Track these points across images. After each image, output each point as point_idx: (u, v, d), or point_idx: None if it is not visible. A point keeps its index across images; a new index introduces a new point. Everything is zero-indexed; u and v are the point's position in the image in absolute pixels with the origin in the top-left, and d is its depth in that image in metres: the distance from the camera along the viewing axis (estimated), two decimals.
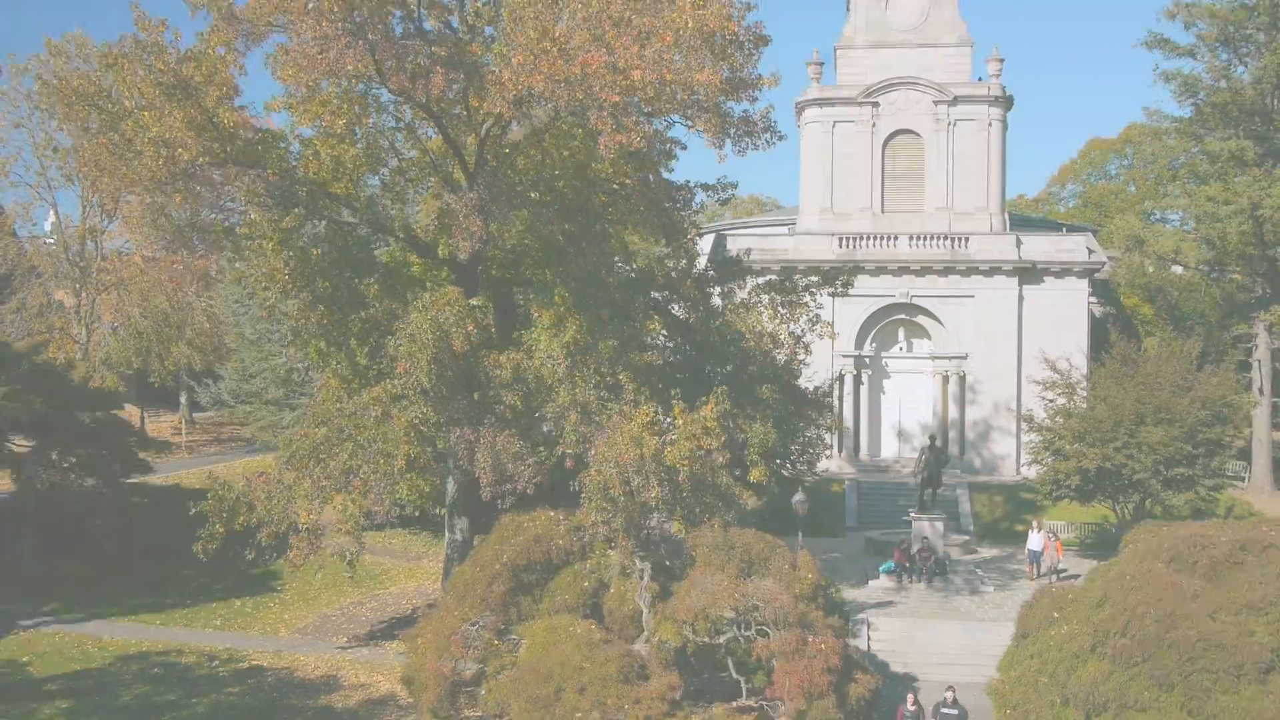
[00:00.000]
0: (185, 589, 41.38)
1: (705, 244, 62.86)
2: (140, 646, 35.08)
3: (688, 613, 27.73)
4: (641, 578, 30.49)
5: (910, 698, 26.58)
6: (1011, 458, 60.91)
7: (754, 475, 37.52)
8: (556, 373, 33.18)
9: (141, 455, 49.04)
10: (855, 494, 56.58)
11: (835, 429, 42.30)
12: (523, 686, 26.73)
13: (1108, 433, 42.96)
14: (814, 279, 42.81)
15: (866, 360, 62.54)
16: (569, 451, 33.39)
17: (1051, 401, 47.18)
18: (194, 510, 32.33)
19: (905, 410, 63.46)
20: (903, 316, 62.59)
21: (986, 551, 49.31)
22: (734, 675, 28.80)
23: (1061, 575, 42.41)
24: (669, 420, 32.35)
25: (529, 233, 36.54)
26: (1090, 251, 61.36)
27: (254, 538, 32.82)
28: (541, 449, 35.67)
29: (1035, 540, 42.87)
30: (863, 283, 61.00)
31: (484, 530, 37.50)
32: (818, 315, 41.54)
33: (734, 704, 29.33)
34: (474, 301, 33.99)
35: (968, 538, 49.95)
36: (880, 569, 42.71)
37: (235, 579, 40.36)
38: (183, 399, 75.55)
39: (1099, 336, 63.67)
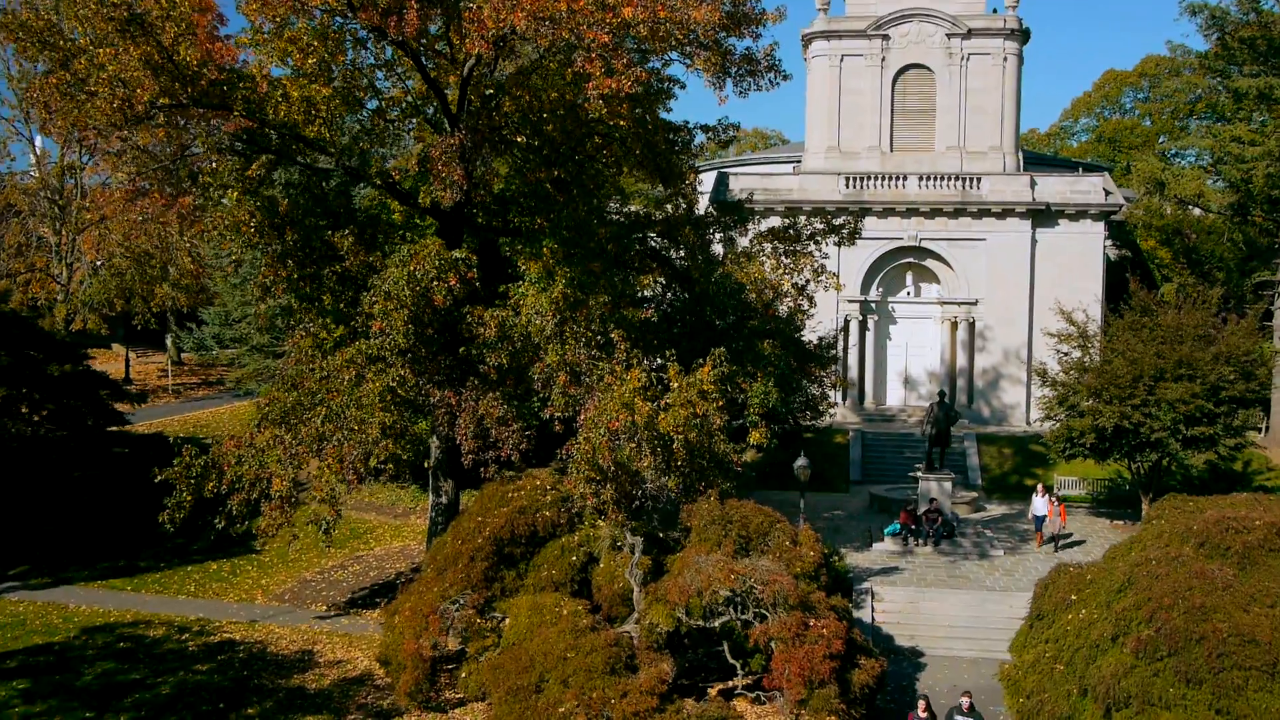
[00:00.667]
0: (161, 549, 39.70)
1: (707, 181, 60.56)
2: (108, 617, 33.39)
3: (680, 595, 25.92)
4: (632, 553, 28.71)
5: (922, 704, 24.80)
6: (1021, 407, 58.97)
7: (754, 437, 35.58)
8: (544, 330, 31.16)
9: (119, 406, 47.22)
10: (859, 446, 54.70)
11: (840, 386, 40.22)
12: (503, 676, 25.01)
13: (1126, 389, 40.92)
14: (819, 226, 40.50)
15: (873, 305, 60.36)
16: (557, 415, 31.51)
17: (1066, 355, 45.09)
18: (159, 477, 30.31)
19: (912, 357, 61.39)
20: (911, 260, 60.26)
21: (995, 508, 47.55)
22: (729, 659, 27.11)
23: (1064, 542, 40.42)
24: (665, 381, 30.32)
25: (516, 178, 34.30)
26: (1107, 193, 58.85)
27: (224, 505, 30.98)
28: (532, 401, 33.70)
29: (1040, 504, 40.83)
30: (870, 225, 58.71)
31: (473, 487, 35.84)
32: (822, 265, 39.34)
33: (730, 683, 27.74)
34: (456, 254, 31.75)
35: (976, 494, 48.16)
36: (885, 531, 40.93)
37: (214, 537, 38.52)
38: (169, 341, 73.62)
39: (1114, 281, 61.49)
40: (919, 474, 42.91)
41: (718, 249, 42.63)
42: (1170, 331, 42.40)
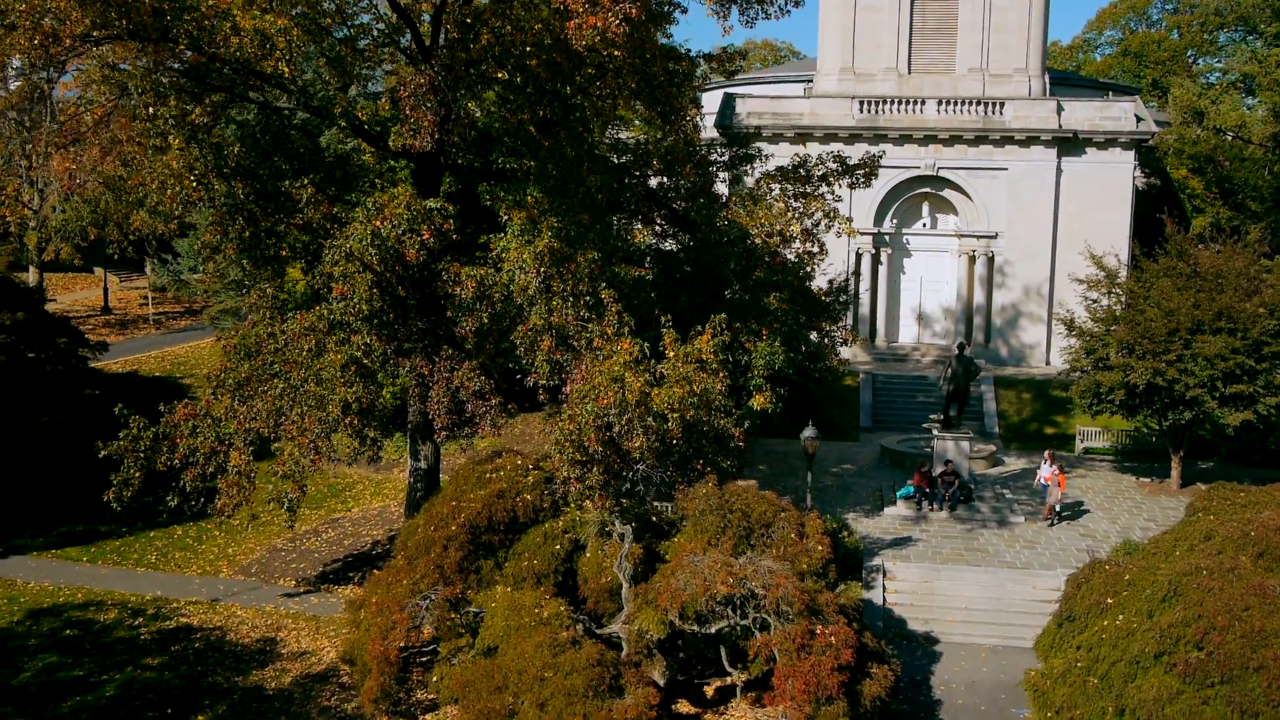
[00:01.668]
0: (124, 510, 37.05)
1: (711, 103, 56.80)
2: (57, 596, 30.95)
3: (672, 600, 23.30)
4: (622, 541, 26.03)
5: None
6: (1041, 347, 55.90)
7: (758, 401, 32.72)
8: (528, 289, 28.19)
9: (82, 352, 44.49)
10: (870, 390, 51.83)
11: (850, 340, 37.14)
12: (473, 695, 22.47)
13: (1161, 343, 37.86)
14: (832, 166, 37.12)
15: (886, 238, 57.02)
16: (541, 384, 28.66)
17: (1095, 302, 41.95)
18: (103, 453, 27.57)
19: (927, 293, 58.19)
20: (928, 190, 56.73)
21: (1014, 462, 44.79)
22: (727, 667, 24.58)
23: (1062, 516, 37.05)
24: (661, 349, 27.36)
25: (498, 117, 30.99)
26: (1138, 119, 55.09)
27: (177, 480, 28.29)
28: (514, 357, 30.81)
29: (1047, 471, 37.51)
30: (886, 150, 55.25)
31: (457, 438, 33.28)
32: (834, 209, 36.05)
33: (728, 680, 25.26)
34: (431, 203, 28.50)
35: (993, 447, 45.34)
36: (898, 494, 38.21)
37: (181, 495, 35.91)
38: (148, 268, 70.55)
39: (1142, 212, 57.97)
40: (934, 429, 39.98)
41: (721, 189, 39.39)
42: (1209, 279, 39.22)
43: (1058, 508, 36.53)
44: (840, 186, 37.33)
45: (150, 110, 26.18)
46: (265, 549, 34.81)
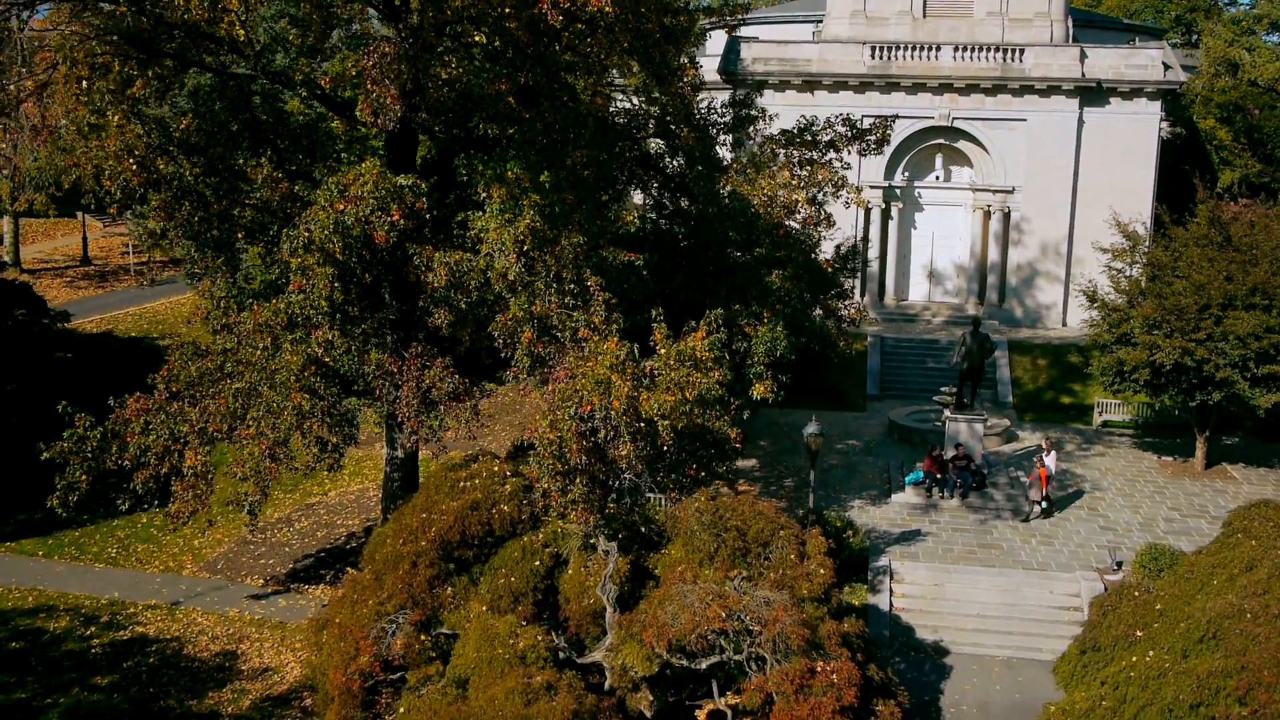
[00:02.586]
0: (89, 494, 35.01)
1: (714, 44, 53.73)
2: (7, 600, 28.97)
3: (659, 635, 21.19)
4: (606, 558, 23.90)
5: None
6: (1058, 308, 53.38)
7: (758, 390, 30.65)
8: (508, 275, 25.80)
9: (45, 321, 42.20)
10: (878, 354, 49.45)
11: (859, 319, 34.64)
12: None
13: (1190, 321, 35.42)
14: (841, 130, 34.42)
15: (897, 191, 54.26)
16: (522, 378, 26.41)
17: (1119, 272, 39.43)
18: (45, 455, 25.38)
19: (939, 249, 55.56)
20: (942, 141, 53.86)
21: (1028, 437, 42.52)
22: (719, 702, 22.51)
23: (1043, 512, 34.21)
24: (651, 342, 25.01)
25: (477, 82, 28.27)
26: (1165, 67, 51.99)
27: (129, 482, 26.17)
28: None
29: (1048, 461, 34.80)
30: (897, 101, 52.60)
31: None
32: (843, 177, 33.45)
33: (720, 703, 23.18)
34: (402, 180, 25.93)
35: (1007, 421, 43.03)
36: (906, 480, 36.03)
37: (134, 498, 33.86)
38: (128, 215, 67.84)
39: (1167, 162, 55.03)
40: (945, 409, 37.67)
41: (722, 151, 36.73)
42: (1242, 250, 36.65)
43: (1042, 504, 34.19)
44: (850, 153, 34.66)
45: (84, 84, 23.54)
46: (234, 540, 32.78)
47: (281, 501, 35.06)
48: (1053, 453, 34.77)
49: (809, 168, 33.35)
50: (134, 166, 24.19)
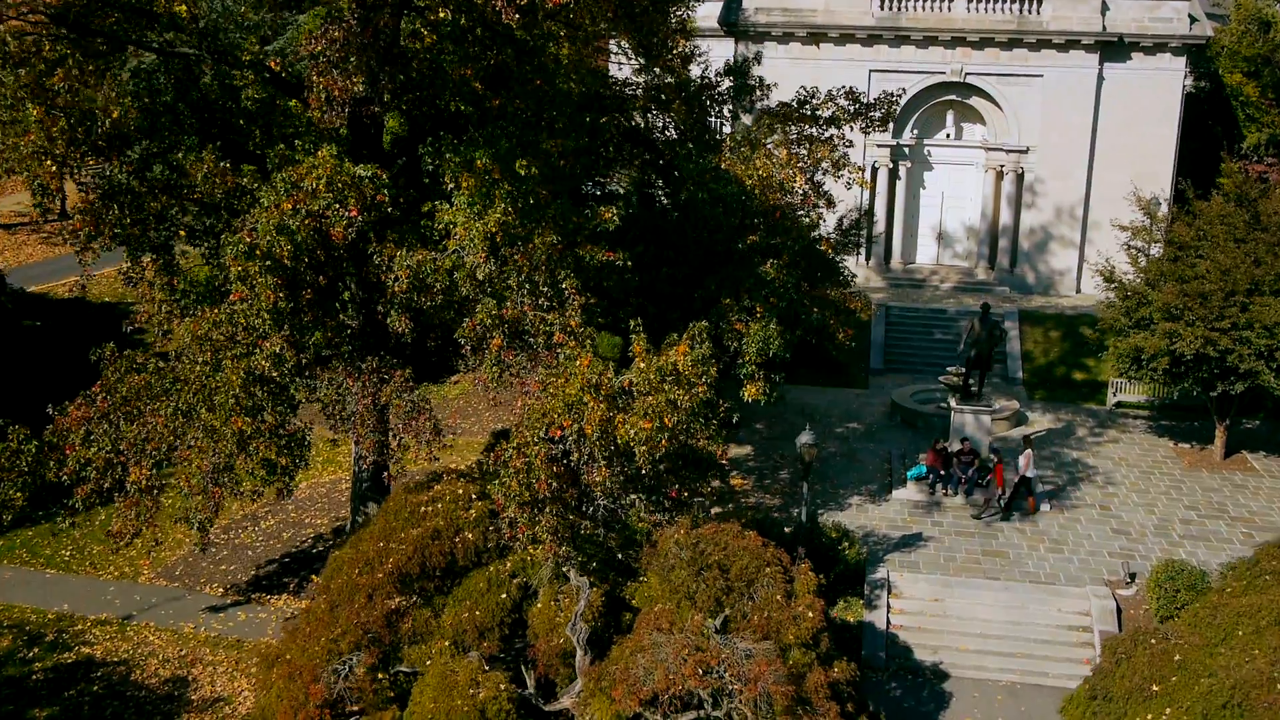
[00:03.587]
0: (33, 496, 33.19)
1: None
2: None
3: (630, 691, 19.38)
4: (578, 596, 22.05)
5: None
6: (1072, 274, 51.03)
7: (749, 391, 28.69)
8: (476, 274, 23.71)
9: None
10: (883, 324, 47.24)
11: (861, 310, 32.34)
12: None
13: (1215, 309, 33.18)
14: (843, 104, 32.02)
15: (905, 150, 51.66)
16: (491, 387, 24.43)
17: (1140, 250, 37.10)
18: None
19: (948, 209, 53.09)
20: (954, 98, 51.14)
21: (1039, 419, 40.47)
22: None
23: (990, 515, 32.16)
24: (630, 352, 22.96)
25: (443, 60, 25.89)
26: (1191, 20, 49.11)
27: (69, 498, 24.32)
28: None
29: (1021, 462, 32.45)
30: (907, 55, 49.94)
31: (419, 369, 29.42)
32: (845, 155, 31.11)
33: None
34: (361, 171, 23.67)
35: (1016, 404, 40.85)
36: (908, 474, 34.08)
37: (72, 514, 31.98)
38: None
39: (1190, 116, 52.10)
40: (950, 389, 35.50)
41: (720, 124, 34.38)
42: (1272, 231, 34.29)
43: (999, 501, 32.32)
44: (853, 130, 32.25)
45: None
46: (195, 541, 30.89)
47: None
48: (1028, 452, 32.62)
49: (808, 145, 30.99)
50: (53, 168, 21.97)
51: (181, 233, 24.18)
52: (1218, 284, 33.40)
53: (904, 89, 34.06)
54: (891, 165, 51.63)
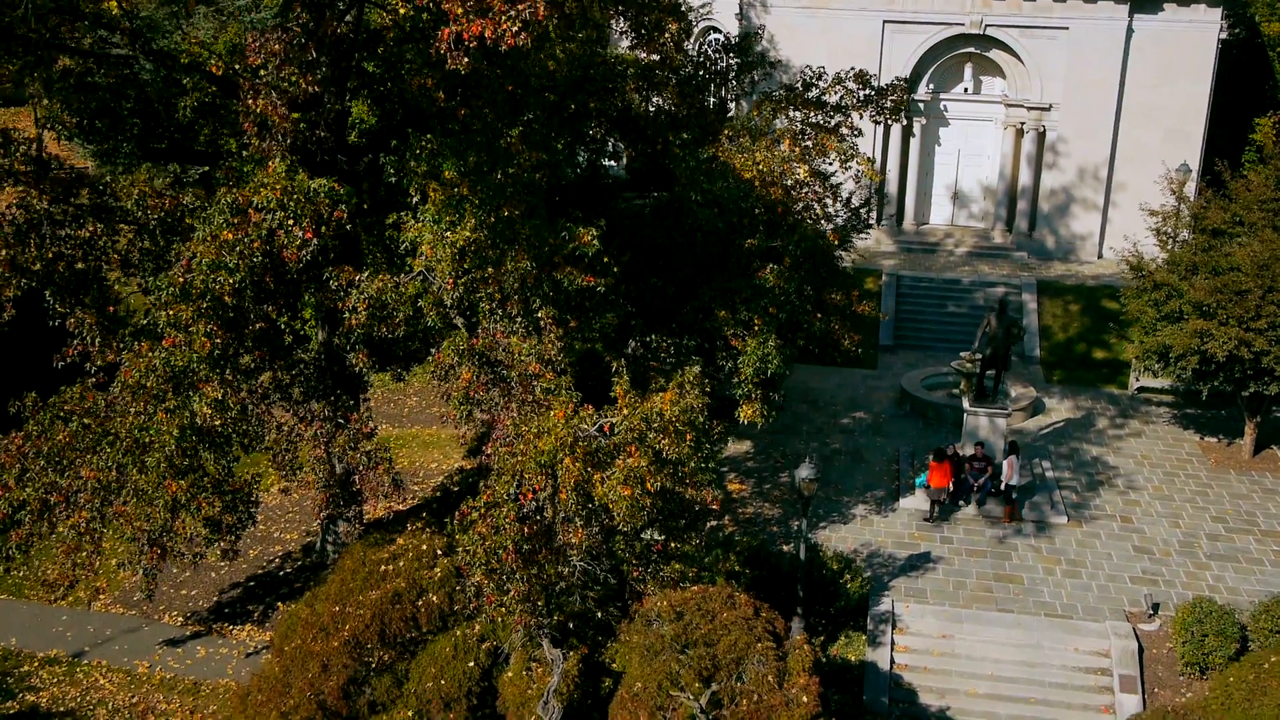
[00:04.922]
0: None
1: None
2: None
3: None
4: (551, 669, 20.18)
5: None
6: (1094, 238, 48.44)
7: (745, 413, 26.49)
8: (444, 301, 21.56)
9: None
10: (894, 295, 44.79)
11: (869, 312, 29.92)
12: None
13: (1251, 307, 30.79)
14: (851, 87, 29.35)
15: (920, 106, 48.75)
16: (461, 424, 22.31)
17: (1170, 237, 34.57)
18: None
19: (965, 167, 50.32)
20: (972, 50, 48.11)
21: (1057, 407, 38.24)
22: None
23: (939, 514, 30.67)
24: (611, 393, 20.81)
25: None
26: None
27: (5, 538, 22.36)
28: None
29: (1004, 466, 30.76)
30: (923, 5, 46.85)
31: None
32: (854, 145, 28.55)
33: None
34: (316, 185, 21.29)
35: (1034, 392, 38.54)
36: (916, 481, 31.96)
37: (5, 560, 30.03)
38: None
39: (1222, 69, 48.90)
40: (963, 375, 33.09)
41: (722, 106, 31.73)
42: None
43: (941, 502, 30.82)
44: (862, 118, 29.65)
45: None
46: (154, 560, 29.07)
47: (214, 504, 31.24)
48: (1011, 459, 30.56)
49: (814, 133, 28.44)
50: None
51: (115, 260, 21.85)
52: (1255, 280, 30.95)
53: (905, 82, 30.89)
54: (905, 121, 48.74)
